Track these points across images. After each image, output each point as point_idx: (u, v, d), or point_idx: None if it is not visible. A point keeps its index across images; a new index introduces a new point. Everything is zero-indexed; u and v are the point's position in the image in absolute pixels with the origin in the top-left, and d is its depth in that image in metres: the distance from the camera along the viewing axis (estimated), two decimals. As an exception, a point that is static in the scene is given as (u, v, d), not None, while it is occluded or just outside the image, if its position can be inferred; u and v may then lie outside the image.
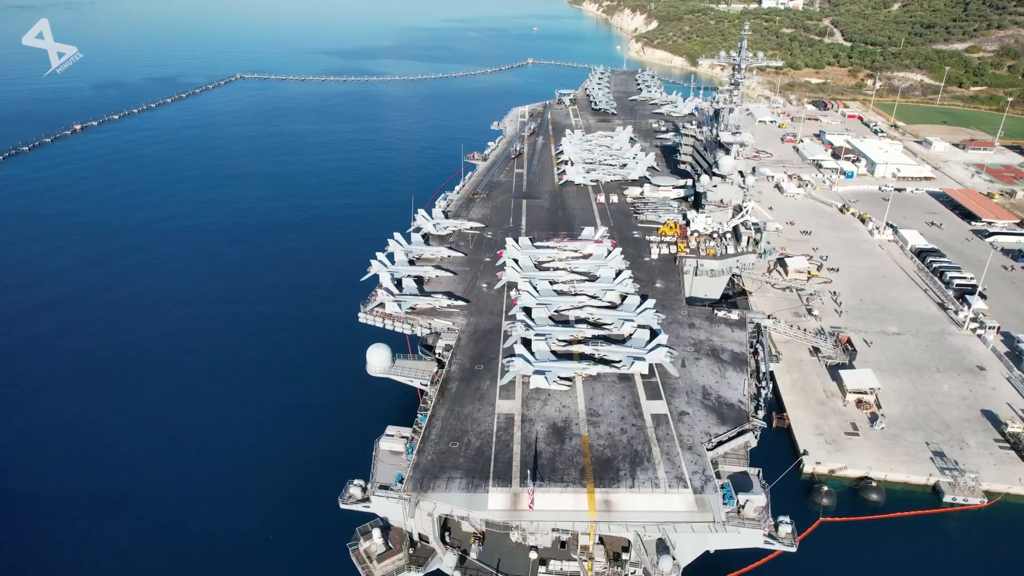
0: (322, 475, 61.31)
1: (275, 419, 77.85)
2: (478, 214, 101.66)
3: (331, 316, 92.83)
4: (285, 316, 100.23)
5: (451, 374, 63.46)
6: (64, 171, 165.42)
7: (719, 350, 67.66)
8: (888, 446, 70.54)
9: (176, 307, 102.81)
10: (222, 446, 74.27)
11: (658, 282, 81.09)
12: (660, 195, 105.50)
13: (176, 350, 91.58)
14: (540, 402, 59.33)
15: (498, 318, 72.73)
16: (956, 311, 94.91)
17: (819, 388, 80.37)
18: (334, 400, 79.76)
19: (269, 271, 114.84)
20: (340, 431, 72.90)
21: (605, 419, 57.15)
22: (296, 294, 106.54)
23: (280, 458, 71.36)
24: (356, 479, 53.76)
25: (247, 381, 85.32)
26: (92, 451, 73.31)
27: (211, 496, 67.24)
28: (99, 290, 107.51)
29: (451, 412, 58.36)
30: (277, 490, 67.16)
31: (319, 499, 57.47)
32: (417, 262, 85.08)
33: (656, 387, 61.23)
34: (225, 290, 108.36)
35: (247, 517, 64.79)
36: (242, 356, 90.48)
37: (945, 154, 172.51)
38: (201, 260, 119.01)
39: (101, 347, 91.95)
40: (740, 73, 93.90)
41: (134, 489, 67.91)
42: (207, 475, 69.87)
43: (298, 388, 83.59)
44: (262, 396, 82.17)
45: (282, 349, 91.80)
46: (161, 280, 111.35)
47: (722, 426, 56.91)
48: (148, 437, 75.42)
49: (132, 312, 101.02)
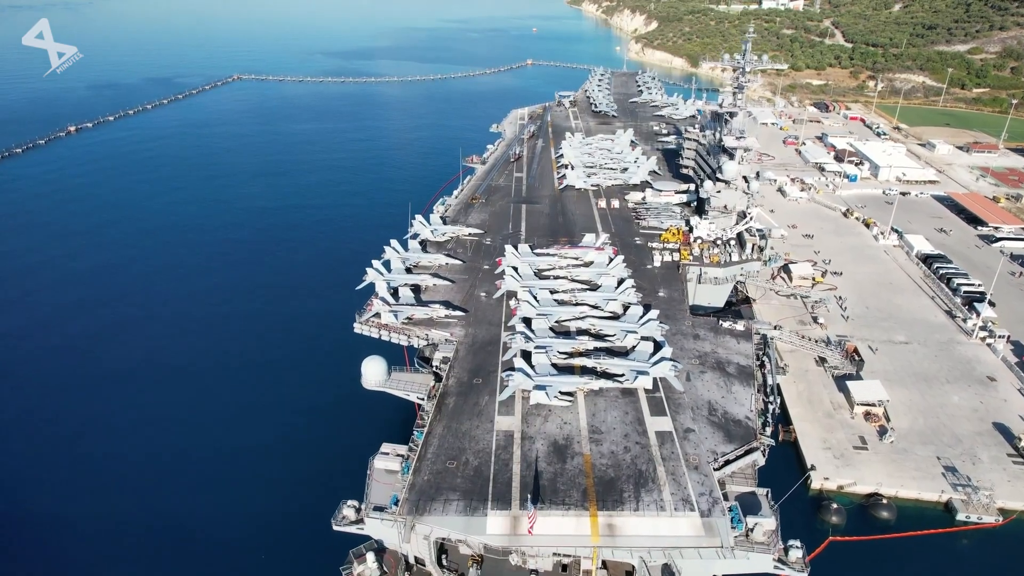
0: (315, 494, 59.21)
1: (266, 434, 75.51)
2: (477, 219, 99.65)
3: (326, 326, 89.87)
4: (278, 326, 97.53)
5: (448, 388, 61.44)
6: (57, 173, 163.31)
7: (725, 363, 65.67)
8: (898, 461, 68.61)
9: (165, 317, 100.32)
10: (210, 460, 71.86)
11: (661, 291, 79.09)
12: (662, 200, 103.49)
13: (164, 362, 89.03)
14: (540, 418, 57.33)
15: (497, 329, 70.71)
16: (964, 319, 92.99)
17: (826, 400, 78.45)
18: (328, 415, 77.45)
19: (261, 280, 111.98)
20: (334, 447, 70.52)
21: (608, 436, 55.15)
22: (290, 303, 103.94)
23: (272, 475, 69.07)
24: (350, 499, 51.74)
25: (237, 394, 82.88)
26: (77, 459, 71.36)
27: (198, 514, 64.91)
28: (80, 301, 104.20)
29: (448, 429, 56.34)
30: (268, 509, 65.03)
31: (311, 519, 55.67)
32: (414, 270, 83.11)
33: (660, 402, 59.24)
34: (215, 299, 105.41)
35: (237, 536, 62.69)
36: (232, 369, 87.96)
37: (949, 157, 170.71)
38: (192, 268, 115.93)
39: (87, 361, 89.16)
40: (744, 76, 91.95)
41: (116, 504, 65.64)
42: (193, 492, 67.48)
43: (290, 402, 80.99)
44: (252, 410, 79.75)
45: (274, 361, 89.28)
46: (148, 289, 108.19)
47: (729, 444, 54.92)
48: (132, 448, 73.23)
49: (115, 329, 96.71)
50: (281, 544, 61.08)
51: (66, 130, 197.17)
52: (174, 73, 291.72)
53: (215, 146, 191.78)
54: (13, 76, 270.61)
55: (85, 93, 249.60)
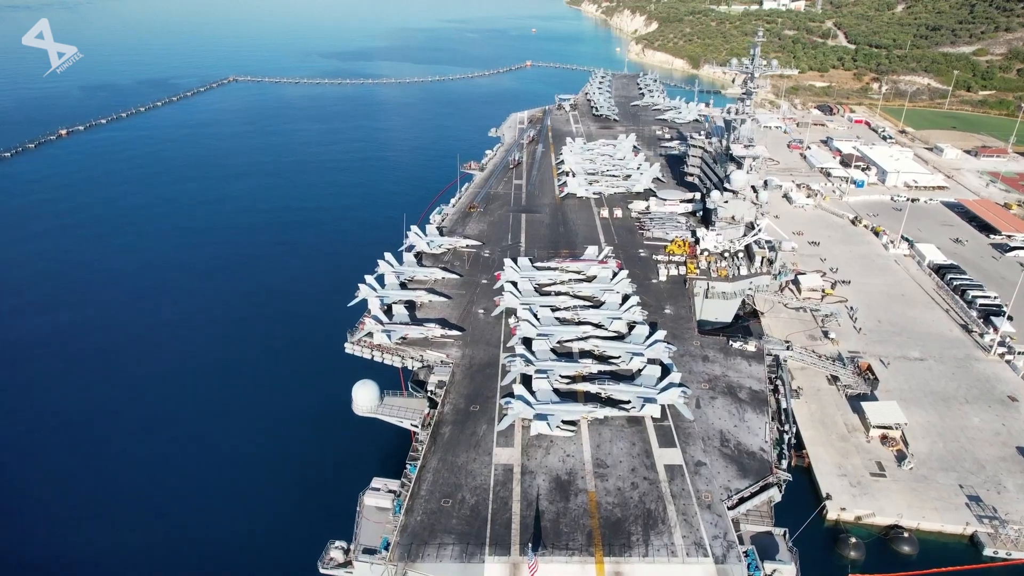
0: (300, 531, 55.78)
1: (249, 464, 70.56)
2: (475, 230, 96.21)
3: (315, 345, 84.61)
4: (264, 345, 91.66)
5: (444, 416, 57.87)
6: (42, 182, 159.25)
7: (736, 387, 62.16)
8: (919, 490, 65.04)
9: (140, 335, 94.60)
10: (189, 491, 66.87)
11: (667, 307, 75.54)
12: (667, 209, 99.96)
13: (140, 378, 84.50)
14: (542, 450, 53.79)
15: (496, 349, 67.13)
16: (981, 334, 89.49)
17: (840, 422, 74.87)
18: (316, 443, 72.49)
19: (246, 295, 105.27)
20: (321, 480, 66.07)
21: (614, 471, 51.62)
22: (277, 320, 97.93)
23: (255, 509, 64.63)
24: (338, 539, 48.33)
25: (218, 419, 77.44)
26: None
27: (173, 556, 60.11)
28: (54, 322, 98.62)
29: (443, 462, 52.79)
30: (250, 545, 60.76)
31: (296, 559, 52.04)
32: (409, 284, 79.64)
33: (669, 432, 55.74)
34: (199, 315, 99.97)
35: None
36: (214, 392, 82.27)
37: (957, 161, 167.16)
38: (177, 282, 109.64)
39: (62, 397, 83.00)
40: (753, 82, 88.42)
41: (88, 543, 61.60)
42: (168, 529, 62.61)
43: (276, 428, 75.47)
44: (235, 436, 74.78)
45: (260, 384, 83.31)
46: (131, 307, 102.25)
47: (743, 479, 51.40)
48: (102, 482, 68.72)
49: (90, 358, 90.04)
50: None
51: (57, 133, 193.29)
52: (169, 74, 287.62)
53: (208, 150, 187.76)
54: (9, 77, 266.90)
55: (78, 95, 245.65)
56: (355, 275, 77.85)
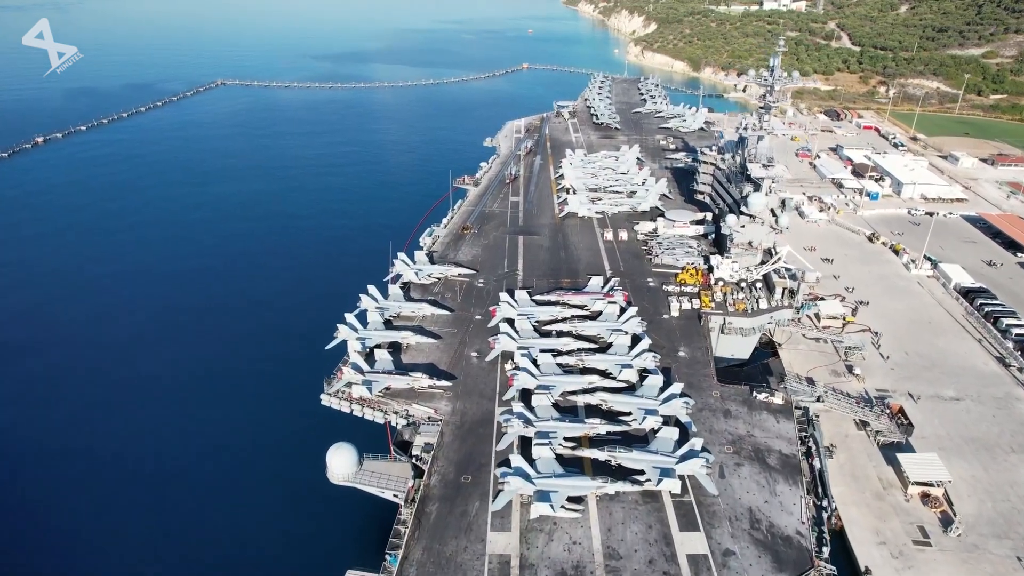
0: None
1: (207, 545, 61.06)
2: (468, 255, 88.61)
3: (287, 398, 74.64)
4: (229, 396, 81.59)
5: (430, 490, 50.26)
6: (15, 190, 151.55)
7: (764, 451, 54.68)
8: (971, 562, 57.53)
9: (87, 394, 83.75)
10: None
11: (681, 349, 67.99)
12: (676, 232, 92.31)
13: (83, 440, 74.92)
14: (544, 535, 46.23)
15: (490, 403, 59.57)
16: (1020, 368, 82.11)
17: (873, 476, 67.27)
18: (286, 517, 63.08)
19: (213, 333, 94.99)
20: (290, 568, 57.13)
21: (628, 563, 44.08)
22: (244, 365, 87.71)
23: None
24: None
25: (173, 487, 67.44)
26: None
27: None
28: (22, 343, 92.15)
29: (429, 552, 45.18)
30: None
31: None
32: (395, 321, 72.00)
33: (691, 511, 48.22)
34: (158, 362, 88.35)
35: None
36: (170, 453, 72.44)
37: (973, 171, 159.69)
38: (135, 328, 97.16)
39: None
40: (772, 95, 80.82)
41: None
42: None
43: (239, 504, 65.57)
44: (192, 508, 65.08)
45: (223, 445, 73.28)
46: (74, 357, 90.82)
47: (779, 573, 43.86)
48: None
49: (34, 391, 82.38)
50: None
51: (33, 141, 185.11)
52: (154, 78, 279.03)
53: (191, 158, 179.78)
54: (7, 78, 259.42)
55: (58, 101, 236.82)
56: (337, 305, 70.39)
